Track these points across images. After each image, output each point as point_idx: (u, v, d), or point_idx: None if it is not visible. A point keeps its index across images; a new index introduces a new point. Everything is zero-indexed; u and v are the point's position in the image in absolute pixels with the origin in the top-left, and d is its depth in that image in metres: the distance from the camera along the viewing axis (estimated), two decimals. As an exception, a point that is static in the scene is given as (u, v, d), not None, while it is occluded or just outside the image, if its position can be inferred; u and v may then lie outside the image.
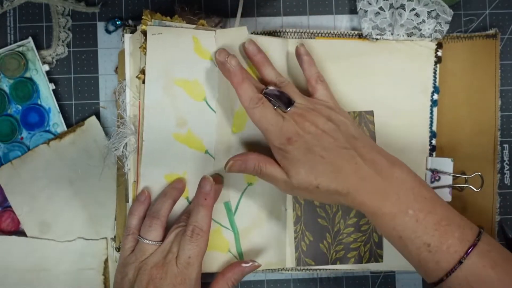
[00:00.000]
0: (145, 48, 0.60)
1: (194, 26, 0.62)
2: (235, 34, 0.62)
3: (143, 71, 0.61)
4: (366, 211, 0.53)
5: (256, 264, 0.59)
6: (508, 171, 0.68)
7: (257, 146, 0.62)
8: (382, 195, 0.52)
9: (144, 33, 0.60)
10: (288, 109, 0.56)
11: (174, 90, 0.61)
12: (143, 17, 0.60)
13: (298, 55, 0.62)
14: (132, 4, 0.67)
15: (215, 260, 0.62)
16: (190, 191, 0.62)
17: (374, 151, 0.54)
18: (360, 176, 0.52)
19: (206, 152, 0.62)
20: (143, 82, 0.61)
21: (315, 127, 0.54)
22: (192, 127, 0.61)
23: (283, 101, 0.56)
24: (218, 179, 0.62)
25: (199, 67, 0.61)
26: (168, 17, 0.61)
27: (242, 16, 0.67)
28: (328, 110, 0.57)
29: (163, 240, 0.58)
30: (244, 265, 0.59)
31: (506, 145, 0.68)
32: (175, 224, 0.59)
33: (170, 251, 0.56)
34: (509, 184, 0.68)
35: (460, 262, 0.50)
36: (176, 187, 0.61)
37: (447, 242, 0.51)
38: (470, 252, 0.50)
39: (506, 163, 0.68)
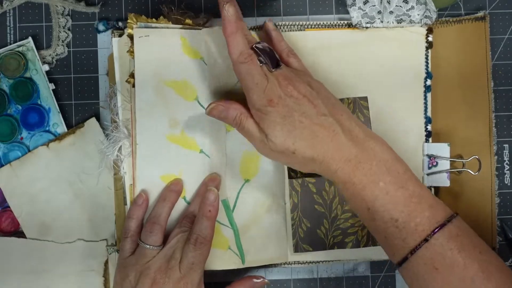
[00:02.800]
0: (132, 52, 0.61)
1: (180, 26, 0.62)
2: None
3: (132, 75, 0.61)
4: (337, 180, 0.52)
5: (266, 281, 0.60)
6: (508, 171, 0.68)
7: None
8: (355, 164, 0.51)
9: (131, 37, 0.61)
10: (274, 69, 0.54)
11: (164, 91, 0.61)
12: (128, 20, 0.61)
13: (267, 30, 0.62)
14: (132, 4, 0.67)
15: (216, 258, 0.62)
16: (187, 191, 0.62)
17: (352, 120, 0.54)
18: (336, 144, 0.52)
19: (201, 151, 0.62)
20: (133, 86, 0.61)
21: (297, 92, 0.53)
22: (185, 128, 0.62)
23: (271, 60, 0.55)
24: (215, 178, 0.62)
25: (188, 67, 0.62)
26: (154, 19, 0.62)
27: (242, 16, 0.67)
28: (307, 77, 0.56)
29: (163, 244, 0.58)
30: (255, 280, 0.60)
31: (506, 145, 0.68)
32: (176, 227, 0.60)
33: (173, 256, 0.56)
34: (509, 184, 0.68)
35: (426, 240, 0.49)
36: (174, 189, 0.61)
37: (415, 220, 0.50)
38: (437, 231, 0.49)
39: (506, 163, 0.68)
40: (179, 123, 0.62)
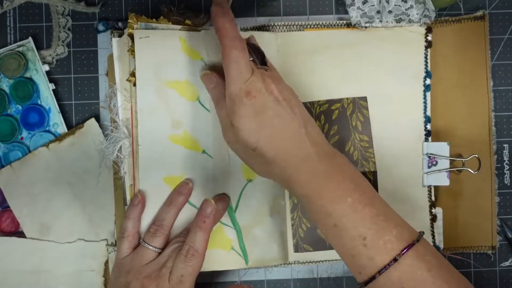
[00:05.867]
0: (133, 51, 0.60)
1: (180, 26, 0.62)
2: None
3: (133, 74, 0.61)
4: (301, 192, 0.51)
5: None
6: (508, 171, 0.68)
7: None
8: (322, 178, 0.50)
9: (131, 36, 0.60)
10: (260, 66, 0.54)
11: (166, 92, 0.61)
12: (128, 20, 0.60)
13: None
14: (132, 4, 0.67)
15: (219, 258, 0.62)
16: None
17: (322, 136, 0.53)
18: (303, 155, 0.51)
19: (204, 152, 0.62)
20: (134, 84, 0.61)
21: (278, 92, 0.52)
22: (187, 128, 0.61)
23: (260, 56, 0.54)
24: (223, 198, 0.62)
25: (189, 67, 0.61)
26: (154, 19, 0.61)
27: (242, 16, 0.67)
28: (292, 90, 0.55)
29: (164, 249, 0.58)
30: None
31: (506, 145, 0.68)
32: (175, 237, 0.59)
33: (165, 265, 0.56)
34: (509, 184, 0.68)
35: (395, 260, 0.48)
36: (182, 192, 0.60)
37: (383, 238, 0.48)
38: (406, 251, 0.48)
39: (506, 163, 0.68)
40: (181, 123, 0.61)
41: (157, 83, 0.60)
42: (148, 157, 0.60)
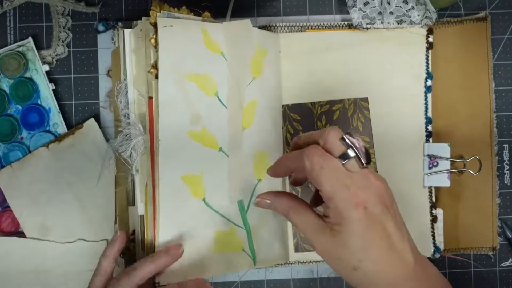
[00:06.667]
0: (155, 40, 0.57)
1: (201, 18, 0.61)
2: (241, 27, 0.61)
3: (154, 66, 0.57)
4: None
5: None
6: (508, 171, 0.68)
7: (266, 143, 0.62)
8: None
9: (154, 25, 0.57)
10: (366, 165, 0.45)
11: (186, 84, 0.58)
12: (152, 8, 0.58)
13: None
14: (132, 4, 0.67)
15: (231, 260, 0.60)
16: (207, 191, 0.59)
17: (413, 242, 0.47)
18: (405, 274, 0.45)
19: (220, 149, 0.60)
20: (156, 77, 0.57)
21: (388, 198, 0.45)
22: (206, 124, 0.59)
23: (364, 153, 0.45)
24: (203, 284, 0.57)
25: (209, 61, 0.59)
26: (176, 9, 0.60)
27: (242, 16, 0.67)
28: None
29: None
30: None
31: (506, 145, 0.68)
32: None
33: None
34: (509, 184, 0.68)
35: None
36: (170, 253, 0.56)
37: None
38: None
39: (506, 163, 0.68)
40: (201, 119, 0.59)
41: (178, 75, 0.58)
42: (167, 154, 0.57)
